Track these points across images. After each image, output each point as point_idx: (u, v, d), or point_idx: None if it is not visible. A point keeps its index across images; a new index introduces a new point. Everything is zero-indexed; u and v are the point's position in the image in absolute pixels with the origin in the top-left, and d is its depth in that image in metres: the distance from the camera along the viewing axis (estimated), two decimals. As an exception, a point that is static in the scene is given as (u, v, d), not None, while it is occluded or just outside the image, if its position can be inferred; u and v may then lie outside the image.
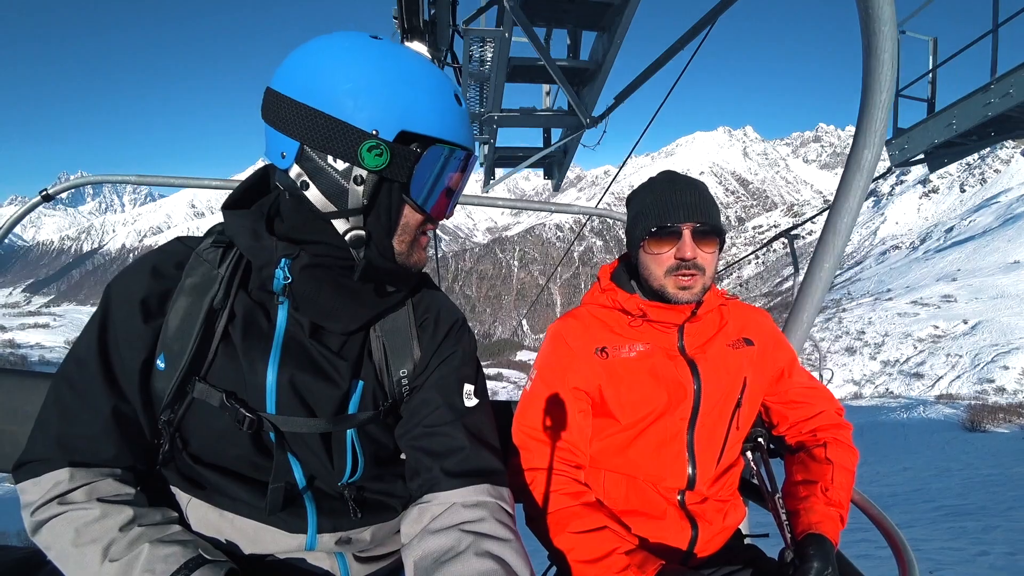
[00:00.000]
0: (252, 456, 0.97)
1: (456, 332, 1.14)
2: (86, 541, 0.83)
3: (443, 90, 0.93)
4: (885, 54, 1.47)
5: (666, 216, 1.28)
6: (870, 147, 1.59)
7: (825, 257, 1.75)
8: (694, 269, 1.29)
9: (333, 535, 1.00)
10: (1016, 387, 40.24)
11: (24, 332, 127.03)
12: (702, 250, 1.29)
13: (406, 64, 0.91)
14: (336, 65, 0.87)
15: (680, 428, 1.35)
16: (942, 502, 9.50)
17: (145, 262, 0.99)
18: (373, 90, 0.87)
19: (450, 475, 0.99)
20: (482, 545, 0.88)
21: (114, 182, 2.99)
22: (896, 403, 26.93)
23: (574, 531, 1.20)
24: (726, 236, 1.35)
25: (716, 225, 1.30)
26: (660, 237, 1.30)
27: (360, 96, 0.86)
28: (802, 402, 1.49)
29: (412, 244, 1.00)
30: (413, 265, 1.02)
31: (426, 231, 1.02)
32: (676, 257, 1.29)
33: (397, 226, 0.96)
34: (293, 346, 0.98)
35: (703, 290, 1.33)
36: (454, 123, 0.94)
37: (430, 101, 0.91)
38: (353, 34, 0.91)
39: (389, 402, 1.06)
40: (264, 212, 0.99)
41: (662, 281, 1.32)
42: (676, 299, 1.32)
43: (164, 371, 0.94)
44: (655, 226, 1.29)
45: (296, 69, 0.88)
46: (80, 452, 0.90)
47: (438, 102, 0.92)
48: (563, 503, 1.25)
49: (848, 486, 1.34)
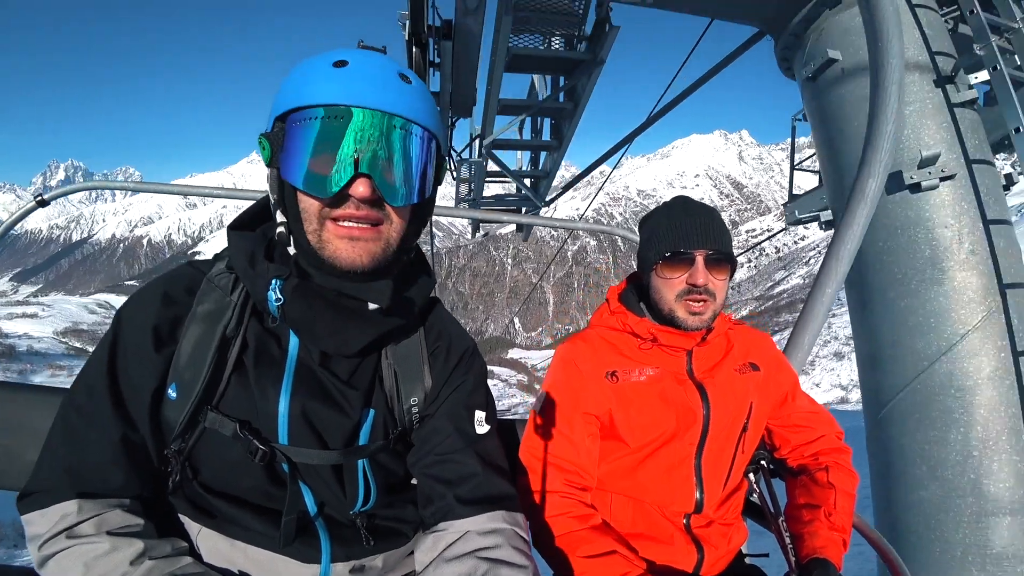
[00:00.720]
0: (265, 486, 0.96)
1: (467, 360, 1.14)
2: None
3: (318, 63, 0.88)
4: (892, 87, 1.50)
5: (680, 242, 1.30)
6: (875, 176, 1.61)
7: (827, 282, 1.78)
8: (705, 295, 1.30)
9: (347, 564, 0.99)
10: None
11: (12, 322, 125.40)
12: (714, 276, 1.30)
13: (301, 62, 0.90)
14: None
15: (689, 452, 1.36)
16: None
17: (156, 287, 0.97)
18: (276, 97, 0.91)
19: (464, 502, 0.99)
20: (499, 572, 0.88)
21: (110, 188, 2.96)
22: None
23: (583, 555, 1.21)
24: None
25: (728, 253, 1.31)
26: (673, 262, 1.31)
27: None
28: (804, 426, 1.51)
29: (320, 235, 0.89)
30: (331, 260, 0.89)
31: (341, 218, 0.88)
32: (688, 283, 1.30)
33: (300, 214, 0.90)
34: (304, 374, 0.98)
35: (713, 316, 1.34)
36: (319, 86, 0.85)
37: (298, 78, 0.88)
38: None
39: (399, 430, 1.06)
40: (268, 236, 0.98)
41: (672, 306, 1.33)
42: (686, 325, 1.33)
43: (176, 400, 0.93)
44: (669, 251, 1.30)
45: None
46: (88, 482, 0.89)
47: (306, 75, 0.87)
48: (571, 526, 1.26)
49: (850, 510, 1.36)
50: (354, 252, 0.89)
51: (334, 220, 0.87)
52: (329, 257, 0.89)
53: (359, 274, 0.91)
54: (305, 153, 0.84)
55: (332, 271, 0.91)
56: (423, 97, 0.92)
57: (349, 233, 0.88)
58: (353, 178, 0.84)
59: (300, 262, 0.94)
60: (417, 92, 0.90)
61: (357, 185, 0.84)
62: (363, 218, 0.88)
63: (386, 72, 0.88)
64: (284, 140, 0.86)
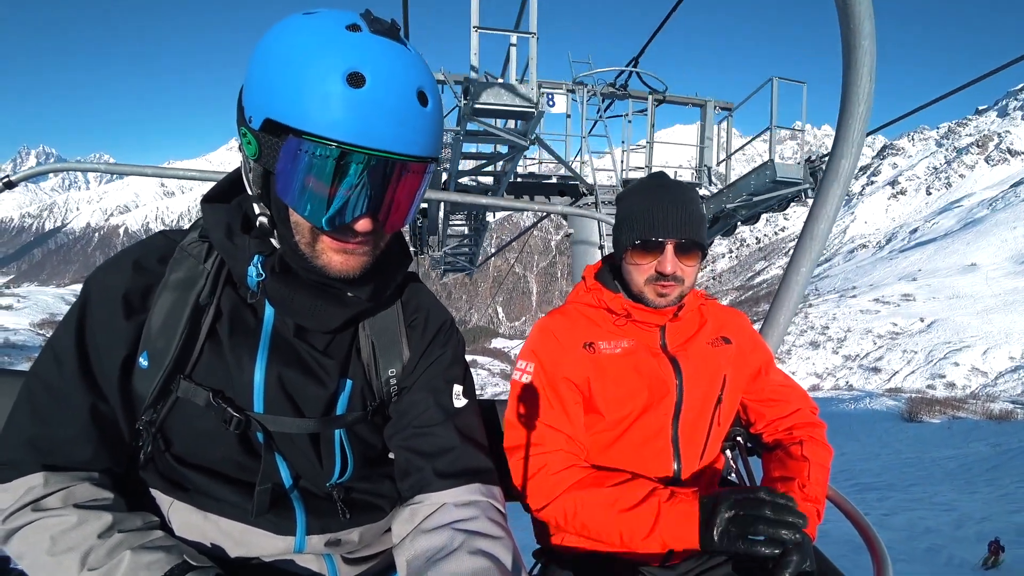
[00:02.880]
0: (238, 457, 0.95)
1: (445, 332, 1.14)
2: (62, 550, 0.80)
3: (326, 66, 0.74)
4: (864, 68, 1.52)
5: (650, 230, 1.31)
6: (847, 157, 1.64)
7: (802, 261, 1.81)
8: (673, 281, 1.32)
9: (322, 536, 0.99)
10: (965, 382, 42.21)
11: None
12: (683, 263, 1.33)
13: (295, 40, 0.77)
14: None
15: (664, 423, 1.38)
16: (860, 480, 11.41)
17: (127, 256, 0.95)
18: (254, 67, 0.79)
19: (441, 475, 1.00)
20: (475, 543, 0.88)
21: (82, 170, 2.88)
22: (849, 395, 29.40)
23: (608, 485, 1.24)
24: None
25: (699, 240, 1.33)
26: (643, 250, 1.33)
27: (248, 75, 0.80)
28: (778, 400, 1.54)
29: (313, 247, 0.87)
30: (323, 269, 0.88)
31: (334, 237, 0.86)
32: (656, 270, 1.32)
33: (289, 222, 0.86)
34: (281, 344, 0.97)
35: (679, 297, 1.37)
36: (332, 113, 0.74)
37: (299, 82, 0.75)
38: (290, 17, 0.81)
39: (377, 402, 1.05)
40: (243, 208, 0.96)
41: (642, 288, 1.36)
42: (654, 304, 1.36)
43: (147, 369, 0.91)
44: (639, 238, 1.32)
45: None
46: (54, 455, 0.87)
47: (311, 83, 0.74)
48: (580, 475, 1.29)
49: (824, 482, 1.39)
50: (346, 265, 0.89)
51: (334, 238, 0.86)
52: (321, 266, 0.89)
53: (346, 281, 0.92)
54: (310, 185, 0.78)
55: (321, 275, 0.90)
56: (437, 120, 0.85)
57: (344, 247, 0.87)
58: (359, 216, 0.83)
59: (285, 255, 0.91)
60: (432, 117, 0.83)
61: (362, 222, 0.84)
62: (360, 243, 0.88)
63: (407, 96, 0.79)
64: (283, 158, 0.78)
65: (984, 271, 70.51)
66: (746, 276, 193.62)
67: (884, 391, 33.93)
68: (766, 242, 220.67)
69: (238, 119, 0.85)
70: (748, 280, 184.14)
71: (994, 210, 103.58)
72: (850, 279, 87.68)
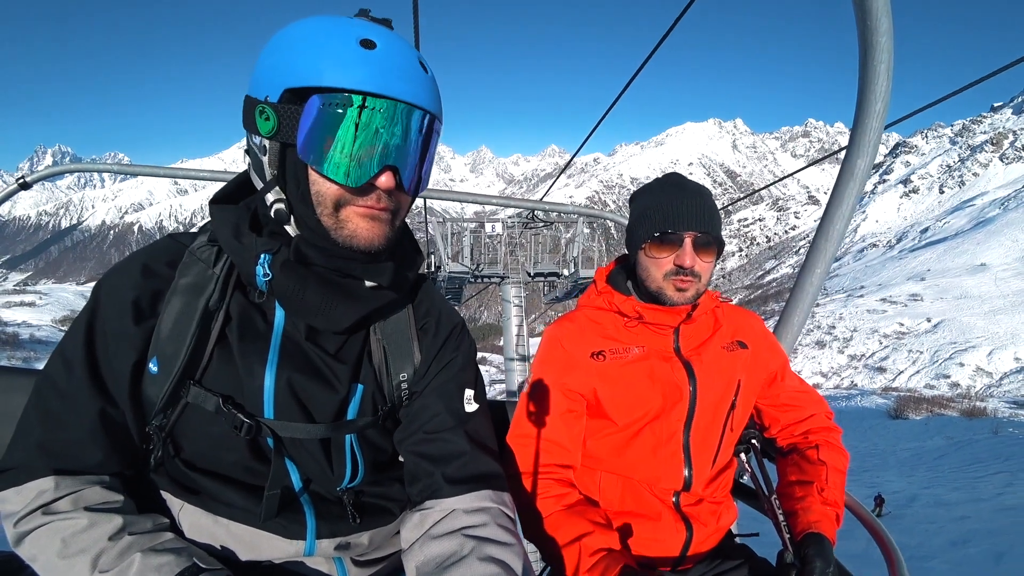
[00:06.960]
0: (248, 462, 0.95)
1: (457, 336, 1.13)
2: (74, 552, 0.80)
3: (339, 36, 0.82)
4: (881, 65, 1.49)
5: (669, 223, 1.30)
6: (864, 156, 1.61)
7: (817, 262, 1.78)
8: (691, 276, 1.31)
9: (332, 540, 0.99)
10: (969, 383, 41.67)
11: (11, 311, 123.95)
12: (701, 259, 1.31)
13: (306, 25, 0.85)
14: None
15: (676, 429, 1.36)
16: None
17: (135, 260, 0.95)
18: (265, 58, 0.85)
19: (451, 481, 0.99)
20: (485, 550, 0.88)
21: (95, 170, 2.92)
22: (843, 393, 30.75)
23: (560, 542, 1.22)
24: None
25: (717, 236, 1.32)
26: (661, 243, 1.31)
27: (258, 68, 0.86)
28: (794, 405, 1.52)
29: (337, 216, 0.88)
30: (348, 240, 0.89)
31: (358, 203, 0.87)
32: (675, 264, 1.31)
33: (310, 195, 0.87)
34: (291, 347, 0.96)
35: (697, 294, 1.35)
36: (351, 70, 0.81)
37: (316, 50, 0.81)
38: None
39: (388, 406, 1.05)
40: (251, 208, 0.96)
41: (660, 284, 1.34)
42: (672, 301, 1.34)
43: (157, 375, 0.91)
44: (658, 231, 1.31)
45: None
46: (65, 459, 0.87)
47: (329, 51, 0.81)
48: (551, 508, 1.27)
49: (841, 486, 1.37)
50: (372, 233, 0.89)
51: (358, 204, 0.87)
52: (346, 238, 0.89)
53: (369, 254, 0.91)
54: (335, 140, 0.81)
55: (344, 252, 0.90)
56: (436, 86, 0.92)
57: (369, 212, 0.88)
58: (382, 169, 0.85)
59: (302, 242, 0.91)
60: (432, 82, 0.90)
61: (384, 176, 0.85)
62: (384, 208, 0.89)
63: (411, 59, 0.87)
64: (304, 120, 0.81)
65: (993, 271, 69.67)
66: (756, 275, 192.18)
67: (880, 390, 34.40)
68: (776, 241, 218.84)
69: (245, 116, 0.87)
70: (758, 279, 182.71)
71: (1006, 209, 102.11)
72: (859, 278, 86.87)
